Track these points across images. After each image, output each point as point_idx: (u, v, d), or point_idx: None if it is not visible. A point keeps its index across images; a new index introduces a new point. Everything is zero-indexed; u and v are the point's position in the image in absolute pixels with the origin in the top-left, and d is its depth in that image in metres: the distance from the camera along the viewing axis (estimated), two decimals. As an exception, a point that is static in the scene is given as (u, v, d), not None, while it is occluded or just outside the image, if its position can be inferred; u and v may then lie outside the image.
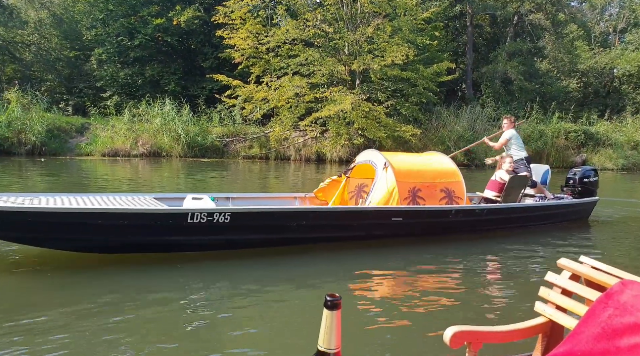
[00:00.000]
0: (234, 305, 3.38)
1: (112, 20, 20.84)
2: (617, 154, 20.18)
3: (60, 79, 22.78)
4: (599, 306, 1.46)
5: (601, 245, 6.01)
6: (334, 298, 0.84)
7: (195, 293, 3.63)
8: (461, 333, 1.59)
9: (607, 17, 28.53)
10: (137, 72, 21.12)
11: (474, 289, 4.01)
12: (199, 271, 4.15)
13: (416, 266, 4.54)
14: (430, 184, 5.58)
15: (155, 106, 17.53)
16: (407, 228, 5.36)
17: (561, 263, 1.79)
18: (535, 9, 22.93)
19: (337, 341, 0.86)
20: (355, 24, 17.04)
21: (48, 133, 16.05)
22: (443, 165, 6.00)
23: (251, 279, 3.97)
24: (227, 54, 18.15)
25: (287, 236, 4.77)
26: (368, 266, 4.47)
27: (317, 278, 4.12)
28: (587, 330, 1.45)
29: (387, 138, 16.59)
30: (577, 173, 7.18)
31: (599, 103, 26.13)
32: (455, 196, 5.71)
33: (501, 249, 5.38)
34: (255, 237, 4.65)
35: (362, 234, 5.16)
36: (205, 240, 4.44)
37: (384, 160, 5.53)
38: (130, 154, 16.41)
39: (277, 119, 17.30)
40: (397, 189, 5.28)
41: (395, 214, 5.23)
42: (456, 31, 25.78)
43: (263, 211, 4.61)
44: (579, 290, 1.69)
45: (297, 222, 4.71)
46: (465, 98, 23.28)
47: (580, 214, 7.26)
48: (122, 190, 8.98)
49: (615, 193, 12.41)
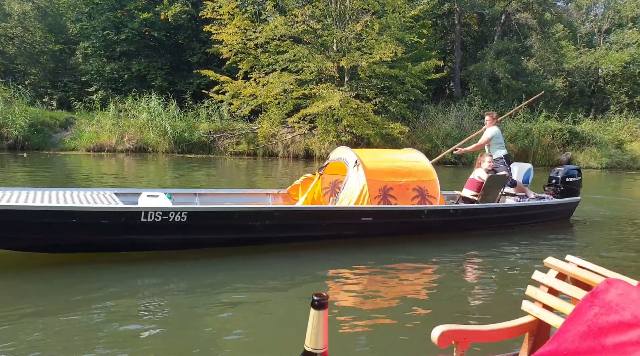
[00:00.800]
0: (214, 306, 3.32)
1: (98, 14, 20.52)
2: (602, 153, 20.46)
3: (45, 73, 22.37)
4: (585, 304, 1.47)
5: (587, 244, 6.01)
6: (321, 297, 0.83)
7: (179, 292, 3.57)
8: (449, 332, 1.59)
9: (592, 18, 28.89)
10: (123, 66, 20.84)
11: (461, 289, 4.01)
12: (182, 269, 4.08)
13: (401, 266, 4.52)
14: (402, 183, 5.45)
15: (142, 101, 17.32)
16: (378, 227, 5.22)
17: (548, 262, 1.80)
18: (522, 8, 23.13)
19: (324, 341, 0.85)
20: (344, 20, 17.00)
21: (31, 128, 15.78)
22: (417, 163, 5.85)
23: (232, 279, 3.92)
24: (215, 50, 17.99)
25: (250, 236, 4.60)
26: (352, 265, 4.43)
27: (300, 278, 4.06)
28: (573, 328, 1.45)
29: (376, 135, 16.61)
30: (560, 172, 7.04)
31: (584, 102, 26.48)
32: (429, 195, 5.58)
33: (487, 248, 5.37)
34: (215, 237, 4.47)
35: (332, 234, 5.02)
36: (161, 240, 4.25)
37: (355, 158, 5.39)
38: (116, 150, 16.20)
39: (265, 115, 17.21)
40: (368, 188, 5.15)
41: (364, 214, 5.08)
42: (444, 29, 25.90)
43: (222, 210, 4.44)
44: (566, 289, 1.71)
45: (261, 222, 4.54)
46: (453, 96, 23.40)
47: (561, 214, 7.14)
48: (105, 185, 8.86)
49: (599, 191, 12.58)
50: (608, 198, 10.91)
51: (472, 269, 4.65)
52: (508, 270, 4.69)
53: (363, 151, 5.88)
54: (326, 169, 6.07)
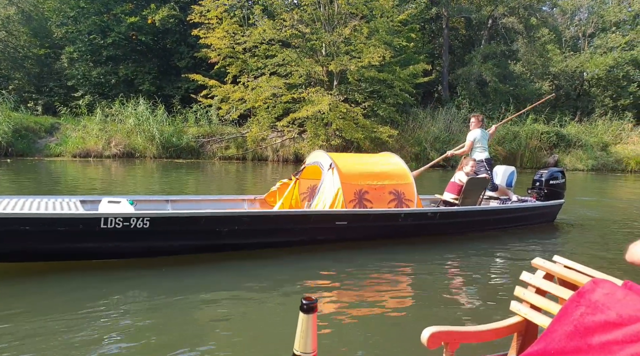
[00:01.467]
0: (201, 312, 3.28)
1: (84, 18, 20.30)
2: (587, 155, 20.72)
3: (29, 78, 22.08)
4: (572, 304, 1.48)
5: (573, 245, 6.05)
6: (310, 301, 0.83)
7: (165, 298, 3.51)
8: (438, 333, 1.60)
9: (577, 22, 29.32)
10: (110, 71, 20.63)
11: (449, 291, 4.01)
12: (169, 275, 4.03)
13: (388, 269, 4.50)
14: (378, 186, 5.38)
15: (129, 106, 17.15)
16: (353, 232, 5.13)
17: (535, 262, 1.82)
18: (509, 12, 23.39)
19: (313, 345, 0.84)
20: (333, 25, 17.03)
21: (15, 133, 15.53)
22: (393, 166, 5.78)
23: (219, 284, 3.87)
24: (203, 54, 17.90)
25: (219, 243, 4.48)
26: (340, 269, 4.40)
27: (287, 282, 4.02)
28: (560, 328, 1.46)
29: (365, 139, 16.62)
30: (544, 175, 6.96)
31: (570, 105, 26.81)
32: (406, 198, 5.50)
33: (473, 251, 5.38)
34: (181, 244, 4.35)
35: (305, 239, 4.92)
36: (123, 247, 4.12)
37: (330, 161, 5.31)
38: (103, 155, 16.02)
39: (254, 119, 17.14)
40: (342, 192, 5.07)
41: (339, 218, 4.98)
42: (432, 33, 26.10)
43: (187, 216, 4.31)
44: (553, 289, 1.72)
45: (229, 227, 4.42)
46: (442, 100, 23.57)
47: (544, 217, 7.06)
48: (91, 192, 8.72)
49: (585, 193, 12.72)
50: (593, 200, 11.03)
51: (460, 272, 4.65)
52: (495, 272, 4.70)
53: (339, 155, 5.84)
54: (304, 173, 5.97)
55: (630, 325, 1.29)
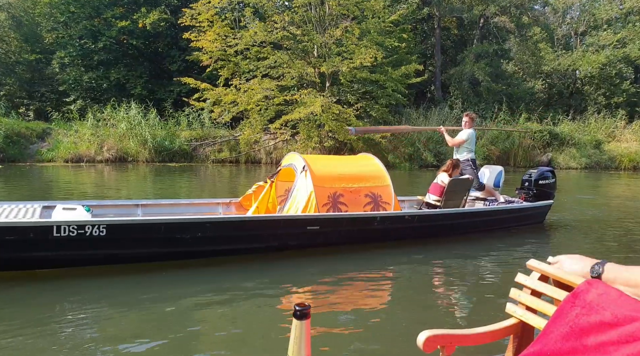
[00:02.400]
0: (191, 319, 3.24)
1: (74, 23, 20.22)
2: (581, 154, 20.76)
3: (21, 83, 21.96)
4: (567, 305, 1.48)
5: (566, 245, 5.99)
6: (303, 307, 0.82)
7: (156, 305, 3.48)
8: (434, 337, 1.60)
9: (569, 20, 29.43)
10: (101, 75, 20.54)
11: (443, 294, 3.99)
12: (165, 280, 4.00)
13: (380, 273, 4.47)
14: (354, 189, 5.22)
15: (121, 110, 17.07)
16: (327, 237, 4.98)
17: (530, 264, 1.82)
18: (500, 12, 23.45)
19: (307, 351, 0.83)
20: (324, 26, 17.02)
21: (6, 139, 15.44)
22: (370, 168, 5.60)
23: (208, 291, 3.83)
24: (195, 57, 17.82)
25: (181, 250, 4.35)
26: (331, 274, 4.36)
27: (279, 287, 3.99)
28: (556, 329, 1.46)
29: (358, 140, 16.61)
30: (533, 175, 6.75)
31: (563, 104, 26.90)
32: (382, 201, 5.33)
33: (467, 253, 5.34)
34: (141, 251, 4.22)
35: (274, 245, 4.78)
36: (79, 255, 3.99)
37: (303, 163, 5.15)
38: (95, 160, 15.92)
39: (246, 122, 17.08)
40: (315, 195, 4.91)
41: (310, 222, 4.83)
42: (424, 34, 26.14)
43: (145, 223, 4.19)
44: (548, 291, 1.72)
45: (192, 234, 4.28)
46: (435, 100, 23.59)
47: (531, 219, 6.83)
48: (77, 197, 8.65)
49: (579, 191, 12.74)
50: (587, 198, 11.04)
51: (453, 275, 4.61)
52: (489, 274, 4.67)
53: (314, 157, 5.72)
54: (282, 176, 5.82)
55: (625, 325, 1.29)
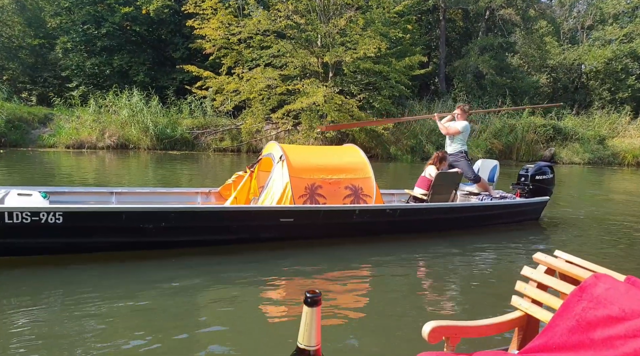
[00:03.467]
0: (202, 306, 3.27)
1: (78, 8, 20.08)
2: (584, 149, 20.66)
3: (24, 68, 21.89)
4: (573, 299, 1.49)
5: (571, 240, 5.91)
6: (314, 294, 0.82)
7: (164, 291, 3.49)
8: (439, 328, 1.61)
9: (575, 14, 29.14)
10: (104, 61, 20.46)
11: (448, 286, 4.00)
12: (170, 267, 4.01)
13: (385, 265, 4.47)
14: (333, 180, 5.04)
15: (123, 97, 17.02)
16: (302, 229, 4.84)
17: (537, 257, 1.83)
18: (506, 4, 23.21)
19: (317, 338, 0.83)
20: (328, 15, 16.88)
21: (8, 124, 15.42)
22: (351, 159, 5.39)
23: (217, 279, 3.84)
24: (198, 45, 17.74)
25: (143, 240, 4.22)
26: (336, 265, 4.37)
27: (288, 276, 4.00)
28: (562, 323, 1.47)
29: (360, 131, 16.55)
30: (530, 170, 6.55)
31: (568, 98, 26.72)
32: (363, 193, 5.16)
33: (469, 246, 5.31)
34: (102, 240, 4.10)
35: (245, 237, 4.65)
36: (34, 243, 3.88)
37: (280, 153, 5.00)
38: (97, 146, 15.91)
39: (248, 111, 17.03)
40: (291, 186, 4.77)
41: (283, 214, 4.68)
42: (429, 25, 25.91)
43: (105, 211, 4.02)
44: (554, 284, 1.73)
45: (154, 224, 4.15)
46: (438, 92, 23.46)
47: (525, 215, 6.62)
48: (82, 182, 8.67)
49: (581, 186, 12.70)
50: (590, 194, 11.00)
51: (460, 267, 4.60)
52: (492, 267, 4.67)
53: (293, 147, 5.57)
54: (264, 166, 5.65)
55: (633, 319, 1.29)
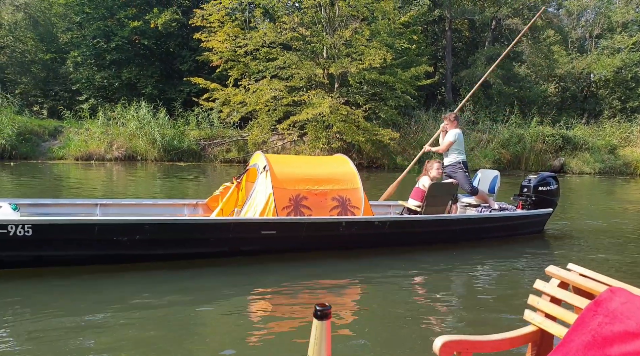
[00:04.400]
0: (211, 319, 3.27)
1: (89, 23, 20.48)
2: (595, 158, 20.40)
3: (36, 82, 22.32)
4: (588, 314, 1.45)
5: (587, 251, 5.73)
6: (324, 307, 0.81)
7: (167, 303, 3.49)
8: (451, 342, 1.58)
9: (583, 23, 29.01)
10: (113, 75, 20.78)
11: (460, 299, 3.94)
12: (182, 279, 4.00)
13: (394, 277, 4.41)
14: (319, 191, 4.87)
15: (131, 109, 17.24)
16: (285, 242, 4.69)
17: (549, 270, 1.79)
18: (513, 14, 23.19)
19: (328, 352, 0.82)
20: (334, 27, 17.00)
21: (19, 137, 15.68)
22: (340, 169, 5.21)
23: (225, 290, 3.85)
24: (205, 57, 17.96)
25: (118, 253, 4.11)
26: (349, 276, 4.34)
27: (297, 288, 3.96)
28: (578, 338, 1.43)
29: (367, 142, 16.52)
30: (532, 180, 6.27)
31: (577, 107, 26.51)
32: (351, 205, 4.97)
33: (475, 258, 5.21)
34: (74, 253, 3.99)
35: (225, 250, 4.52)
36: (2, 256, 3.78)
37: (265, 163, 4.86)
38: (105, 158, 16.09)
39: (255, 122, 17.14)
40: (274, 197, 4.62)
41: (265, 227, 4.53)
42: (435, 35, 25.96)
43: (76, 224, 3.93)
44: (568, 298, 1.70)
45: (129, 236, 4.04)
46: (445, 102, 23.40)
47: (527, 228, 6.34)
48: (87, 195, 8.74)
49: (591, 197, 12.51)
50: (598, 204, 10.82)
51: (470, 279, 4.53)
52: (500, 281, 4.57)
53: (279, 157, 5.45)
54: (250, 176, 5.50)
55: None
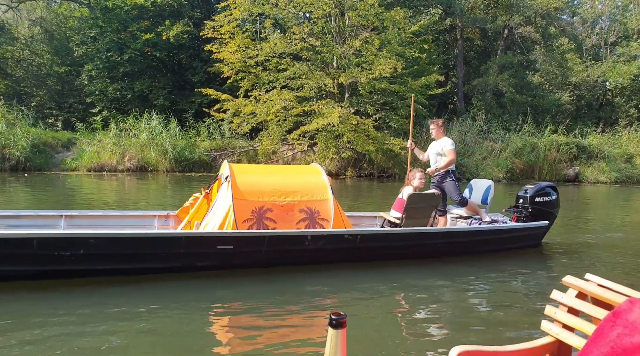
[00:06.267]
0: (223, 330, 3.25)
1: (102, 36, 20.86)
2: (611, 167, 20.01)
3: (51, 95, 22.73)
4: (607, 325, 1.43)
5: (602, 265, 5.52)
6: (339, 316, 0.82)
7: (186, 315, 3.45)
8: (466, 353, 1.57)
9: (598, 31, 28.66)
10: (126, 86, 21.08)
11: (474, 309, 3.86)
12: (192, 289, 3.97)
13: (409, 287, 4.33)
14: (286, 203, 4.61)
15: (143, 121, 17.40)
16: (245, 257, 4.44)
17: (567, 281, 1.77)
18: (525, 22, 23.02)
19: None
20: (343, 37, 17.02)
21: (33, 148, 15.90)
22: (309, 179, 4.94)
23: (238, 301, 3.80)
24: (217, 69, 18.12)
25: (61, 268, 3.93)
26: (362, 287, 4.24)
27: (310, 298, 3.90)
28: (596, 349, 1.41)
29: (377, 151, 16.43)
30: (529, 191, 5.84)
31: (592, 116, 26.11)
32: (320, 217, 4.70)
33: (496, 269, 5.04)
34: (13, 269, 3.85)
35: (178, 266, 4.28)
36: None
37: (228, 173, 4.64)
38: (117, 169, 16.23)
39: (265, 133, 17.16)
40: (233, 209, 4.39)
41: (221, 241, 4.27)
42: (447, 44, 25.87)
43: (12, 238, 3.76)
44: (586, 309, 1.68)
45: (73, 251, 3.87)
46: (457, 111, 23.22)
47: (520, 241, 5.90)
48: (97, 206, 8.75)
49: (609, 207, 12.20)
50: (618, 215, 10.53)
51: (485, 290, 4.43)
52: (523, 291, 4.44)
53: (245, 166, 5.19)
54: (220, 187, 5.23)
55: None
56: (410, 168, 5.95)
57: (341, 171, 17.24)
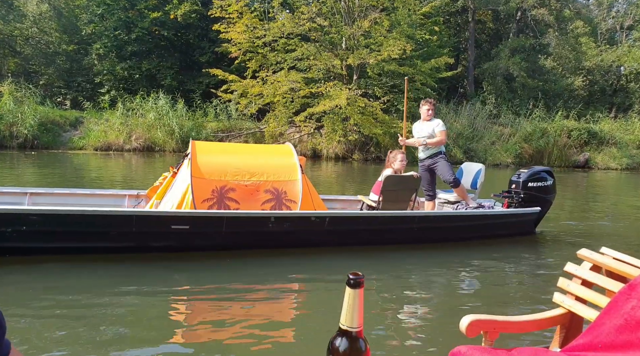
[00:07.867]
0: (246, 300, 3.41)
1: (110, 14, 20.69)
2: (622, 154, 19.73)
3: (59, 73, 22.68)
4: (622, 297, 1.44)
5: (619, 239, 5.65)
6: (357, 276, 0.84)
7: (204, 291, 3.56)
8: (477, 321, 1.60)
9: (614, 14, 27.94)
10: (134, 66, 20.97)
11: (486, 284, 4.03)
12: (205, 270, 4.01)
13: (420, 269, 4.40)
14: (250, 183, 4.41)
15: (150, 100, 17.36)
16: (202, 238, 4.27)
17: (582, 254, 1.79)
18: (539, 4, 22.48)
19: (360, 320, 0.85)
20: (352, 17, 16.74)
21: (40, 126, 15.95)
22: (277, 160, 4.73)
23: (257, 276, 3.89)
24: (224, 49, 17.93)
25: (2, 245, 3.80)
26: (382, 266, 4.32)
27: (279, 283, 3.90)
28: (609, 321, 1.43)
29: (384, 135, 16.28)
30: (522, 175, 5.52)
31: (606, 101, 25.64)
32: (287, 199, 4.49)
33: (487, 257, 4.96)
34: None
35: (130, 246, 4.13)
36: None
37: (189, 150, 4.49)
38: (124, 149, 16.27)
39: (272, 114, 17.06)
40: (192, 188, 4.21)
41: (176, 220, 4.09)
42: (458, 27, 25.39)
43: None
44: (600, 281, 1.69)
45: (15, 227, 3.72)
46: (467, 95, 22.91)
47: (511, 228, 5.58)
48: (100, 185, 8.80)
49: (620, 194, 12.05)
50: (630, 201, 10.39)
51: (497, 266, 4.56)
52: (535, 266, 4.63)
53: (211, 145, 5.04)
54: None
55: None
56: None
57: (348, 154, 17.15)
